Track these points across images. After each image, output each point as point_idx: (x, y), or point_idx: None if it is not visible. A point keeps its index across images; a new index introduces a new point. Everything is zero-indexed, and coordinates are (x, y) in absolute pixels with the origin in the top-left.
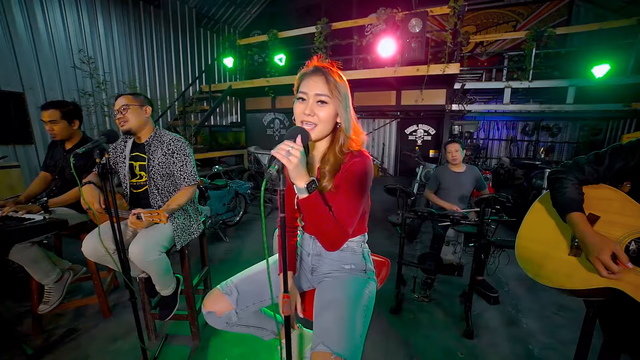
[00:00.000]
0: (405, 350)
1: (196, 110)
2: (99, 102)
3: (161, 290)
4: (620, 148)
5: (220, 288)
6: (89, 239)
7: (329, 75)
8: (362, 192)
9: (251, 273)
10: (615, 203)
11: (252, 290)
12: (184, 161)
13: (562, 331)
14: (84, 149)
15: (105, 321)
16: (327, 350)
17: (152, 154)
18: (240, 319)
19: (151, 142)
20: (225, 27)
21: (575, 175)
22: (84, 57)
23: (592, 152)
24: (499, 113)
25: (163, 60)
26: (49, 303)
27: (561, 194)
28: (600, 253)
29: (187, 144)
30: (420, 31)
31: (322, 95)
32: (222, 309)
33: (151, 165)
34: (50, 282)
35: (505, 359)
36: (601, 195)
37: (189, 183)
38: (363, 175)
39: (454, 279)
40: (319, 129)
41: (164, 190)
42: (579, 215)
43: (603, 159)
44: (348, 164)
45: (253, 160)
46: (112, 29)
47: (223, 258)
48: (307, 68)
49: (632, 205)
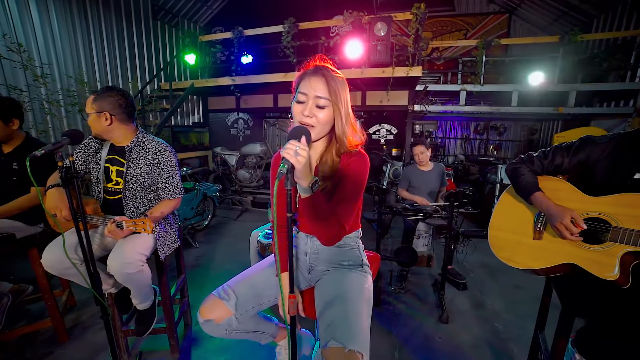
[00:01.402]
0: (388, 339)
1: (156, 109)
2: (36, 97)
3: (140, 303)
4: (560, 148)
5: (217, 294)
6: (51, 250)
7: (330, 77)
8: (359, 189)
9: (249, 275)
10: (562, 192)
11: (251, 293)
12: (170, 173)
13: (520, 307)
14: (44, 150)
15: (63, 346)
16: (339, 345)
17: (132, 161)
18: (240, 324)
19: (132, 148)
20: (184, 22)
21: (527, 165)
22: (11, 44)
23: (541, 149)
24: (455, 113)
25: (115, 53)
26: None
27: (521, 180)
28: (563, 218)
29: (174, 152)
30: (386, 35)
31: (322, 99)
32: (221, 316)
33: (131, 173)
34: None
35: (477, 339)
36: (552, 186)
37: (174, 196)
38: (360, 174)
39: (424, 269)
40: (317, 130)
41: (142, 200)
42: (540, 193)
43: (547, 155)
44: (346, 162)
45: (219, 162)
46: (50, 15)
47: (195, 264)
48: (308, 67)
49: (576, 193)
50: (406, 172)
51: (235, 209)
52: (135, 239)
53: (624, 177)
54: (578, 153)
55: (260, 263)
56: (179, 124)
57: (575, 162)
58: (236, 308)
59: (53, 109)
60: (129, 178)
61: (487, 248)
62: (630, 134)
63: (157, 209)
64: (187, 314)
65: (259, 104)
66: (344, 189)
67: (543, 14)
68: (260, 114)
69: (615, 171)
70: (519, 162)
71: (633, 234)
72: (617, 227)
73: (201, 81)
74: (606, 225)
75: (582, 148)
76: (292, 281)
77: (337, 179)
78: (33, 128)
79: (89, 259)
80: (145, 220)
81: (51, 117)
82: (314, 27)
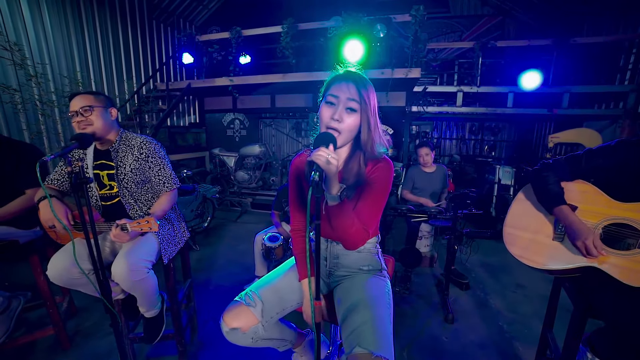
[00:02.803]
0: (396, 340)
1: (153, 109)
2: (30, 98)
3: (147, 311)
4: (592, 152)
5: (242, 300)
6: (57, 261)
7: (362, 83)
8: (385, 196)
9: (272, 280)
10: (589, 195)
11: (276, 298)
12: (160, 164)
13: (522, 306)
14: (53, 155)
15: (65, 354)
16: (365, 352)
17: (121, 160)
18: (266, 332)
19: (118, 148)
20: (180, 21)
21: (555, 173)
22: (6, 43)
23: (570, 154)
24: (451, 114)
25: (110, 53)
26: None
27: (546, 190)
28: (586, 238)
29: (160, 145)
30: (385, 36)
31: (352, 102)
32: (248, 324)
33: (122, 172)
34: None
35: (483, 338)
36: (578, 188)
37: (170, 188)
38: (386, 181)
39: (427, 270)
40: (342, 137)
41: (142, 198)
42: (565, 207)
43: (580, 160)
44: (372, 169)
45: (218, 163)
46: (42, 12)
47: (196, 267)
48: (341, 71)
49: (602, 197)
50: (410, 174)
51: (234, 210)
52: (138, 245)
53: None
54: (613, 156)
55: (282, 266)
56: (175, 125)
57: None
58: (262, 315)
59: (47, 109)
60: (121, 178)
61: (488, 248)
62: None
63: (158, 206)
64: (194, 319)
65: (256, 104)
66: (370, 196)
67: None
68: (256, 115)
69: None
70: (545, 168)
71: None
72: None
73: (198, 82)
74: (632, 232)
75: (619, 151)
76: (318, 287)
77: (362, 185)
78: (26, 130)
79: (99, 267)
80: (149, 219)
81: (45, 118)
82: (314, 27)
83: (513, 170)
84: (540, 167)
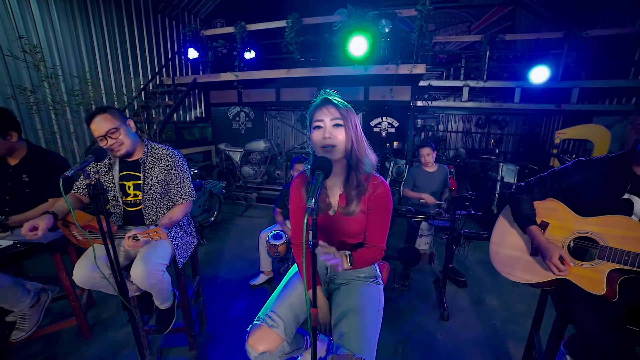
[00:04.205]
0: (392, 337)
1: (159, 105)
2: (43, 99)
3: (161, 304)
4: (555, 173)
5: (264, 322)
6: (81, 267)
7: (337, 104)
8: (390, 213)
9: (286, 296)
10: (558, 212)
11: (292, 314)
12: (181, 177)
13: (516, 305)
14: (73, 170)
15: (87, 343)
16: (348, 353)
17: (148, 172)
18: (290, 347)
19: (146, 160)
20: (185, 14)
21: (528, 195)
22: (25, 45)
23: (539, 175)
24: (456, 109)
25: (117, 50)
26: (24, 330)
27: (520, 212)
28: (552, 256)
29: (183, 157)
30: (390, 31)
31: (337, 119)
32: (274, 345)
33: (149, 184)
34: (23, 307)
35: (476, 335)
36: (549, 206)
37: (186, 199)
38: (388, 200)
39: (426, 267)
40: (339, 149)
41: (161, 208)
42: (534, 227)
43: (545, 182)
44: (373, 189)
45: (223, 158)
46: (51, 13)
47: (204, 261)
48: (317, 102)
49: (569, 214)
50: (412, 173)
51: (240, 204)
52: (155, 251)
53: (614, 197)
54: (572, 176)
55: (291, 281)
56: (181, 120)
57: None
58: (285, 333)
59: (59, 109)
60: (147, 189)
61: (487, 248)
62: (619, 156)
63: (167, 216)
64: (203, 312)
65: (261, 98)
66: (378, 221)
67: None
68: (262, 107)
69: (606, 192)
70: (519, 191)
71: (618, 253)
72: (604, 246)
73: (203, 76)
74: (595, 244)
75: (576, 172)
76: (315, 296)
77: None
78: (40, 130)
79: (117, 270)
80: (158, 230)
81: (58, 118)
82: (319, 22)
83: (517, 168)
84: (516, 189)
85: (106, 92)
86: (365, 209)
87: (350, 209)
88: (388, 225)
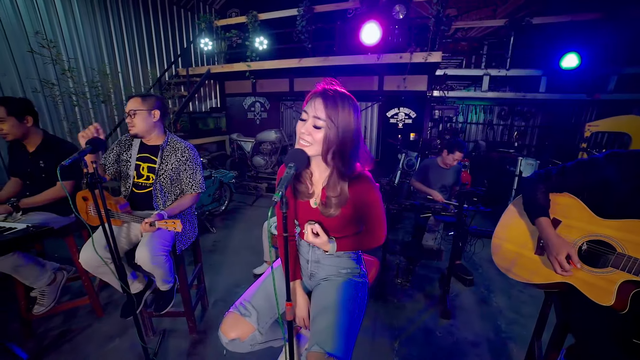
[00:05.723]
0: (389, 332)
1: (175, 96)
2: (66, 91)
3: (162, 285)
4: (583, 164)
5: (237, 311)
6: (85, 252)
7: (331, 101)
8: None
9: (263, 287)
10: (574, 210)
11: (268, 305)
12: (194, 169)
13: (525, 307)
14: (71, 159)
15: (99, 321)
16: (320, 351)
17: (165, 158)
18: (263, 336)
19: (165, 147)
20: (200, 5)
21: (544, 183)
22: (42, 40)
23: (561, 164)
24: (477, 99)
25: (134, 42)
26: (44, 305)
27: (533, 201)
28: (558, 254)
29: (197, 153)
30: (404, 17)
31: (318, 120)
32: (246, 333)
33: (163, 169)
34: (42, 285)
35: (477, 335)
36: (564, 202)
37: (196, 190)
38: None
39: (433, 263)
40: (314, 148)
41: (169, 193)
42: (545, 219)
43: (568, 172)
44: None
45: (236, 148)
46: (72, 8)
47: (212, 249)
48: (316, 89)
49: (586, 213)
50: (425, 166)
51: (251, 193)
52: (159, 237)
53: None
54: (603, 169)
55: (269, 271)
56: (196, 110)
57: (599, 179)
58: (258, 322)
59: (80, 101)
60: (160, 173)
61: None
62: None
63: (177, 206)
64: (204, 298)
65: (274, 88)
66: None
67: None
68: (277, 97)
69: (636, 193)
70: (536, 178)
71: (637, 263)
72: (621, 253)
73: (217, 67)
74: (610, 250)
75: (608, 164)
76: (289, 291)
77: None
78: (64, 120)
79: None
80: (176, 222)
81: (79, 109)
82: (330, 9)
83: (537, 162)
84: (533, 175)
85: (124, 84)
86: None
87: (328, 211)
88: (383, 214)
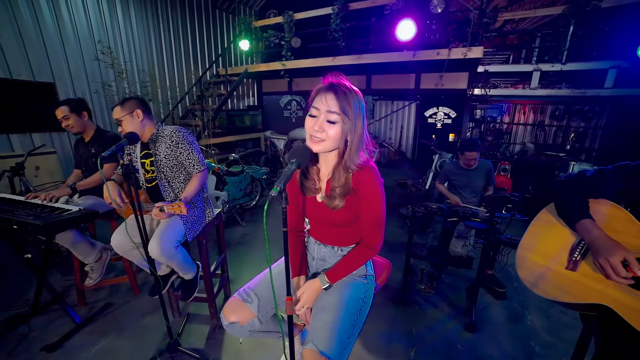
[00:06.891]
0: (406, 339)
1: (214, 94)
2: (122, 90)
3: (183, 275)
4: (624, 168)
5: (239, 296)
6: (117, 235)
7: (342, 94)
8: (380, 200)
9: (268, 278)
10: (617, 221)
11: (270, 295)
12: (189, 149)
13: (567, 331)
14: (109, 152)
15: (136, 298)
16: (314, 349)
17: (157, 149)
18: (262, 325)
19: (155, 139)
20: (240, 7)
21: (579, 187)
22: (103, 47)
23: (600, 167)
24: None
25: (180, 45)
26: (93, 279)
27: (570, 202)
28: (612, 255)
29: (189, 132)
30: (443, 12)
31: (332, 114)
32: (245, 318)
33: (158, 159)
34: (91, 261)
35: (504, 354)
36: (604, 211)
37: (199, 169)
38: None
39: (462, 271)
40: (325, 144)
41: (175, 181)
42: (590, 221)
43: (605, 176)
44: (357, 181)
45: (269, 144)
46: (130, 16)
47: (240, 241)
48: (323, 84)
49: (634, 225)
50: (447, 169)
51: None
52: (167, 227)
53: None
54: None
55: (277, 264)
56: (235, 108)
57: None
58: (258, 310)
59: None
60: (158, 164)
61: None
62: None
63: (189, 188)
64: (227, 286)
65: (309, 86)
66: (366, 213)
67: None
68: None
69: None
70: (569, 181)
71: None
72: None
73: (254, 66)
74: None
75: None
76: (289, 285)
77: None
78: None
79: (145, 241)
80: (180, 204)
81: None
82: (365, 6)
83: (593, 168)
84: (564, 178)
85: (169, 84)
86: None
87: (333, 203)
88: (381, 216)
